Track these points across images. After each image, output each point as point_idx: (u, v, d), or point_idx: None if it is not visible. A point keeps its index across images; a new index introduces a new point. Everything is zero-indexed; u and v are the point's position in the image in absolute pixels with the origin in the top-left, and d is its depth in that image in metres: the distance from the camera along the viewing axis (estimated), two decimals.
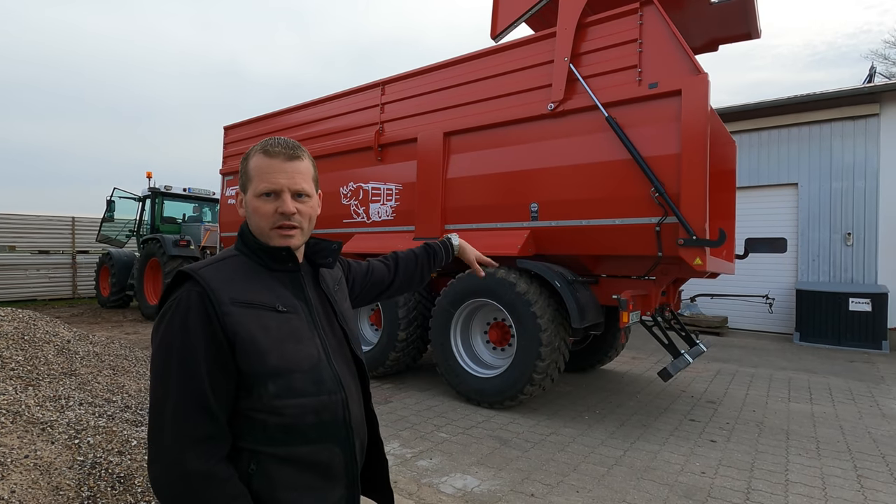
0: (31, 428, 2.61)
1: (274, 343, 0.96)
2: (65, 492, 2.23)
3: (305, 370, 0.98)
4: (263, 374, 0.94)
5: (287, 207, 1.01)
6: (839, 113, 8.41)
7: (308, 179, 1.05)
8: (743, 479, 3.11)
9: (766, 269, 8.99)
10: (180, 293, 0.95)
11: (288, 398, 0.95)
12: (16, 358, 3.52)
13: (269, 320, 0.97)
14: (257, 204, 1.01)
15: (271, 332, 0.97)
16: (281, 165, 1.01)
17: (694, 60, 3.64)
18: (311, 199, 1.07)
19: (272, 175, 1.01)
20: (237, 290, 0.97)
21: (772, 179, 9.13)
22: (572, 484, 2.99)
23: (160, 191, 10.45)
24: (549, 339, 4.02)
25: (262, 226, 1.02)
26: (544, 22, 4.82)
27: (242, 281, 1.00)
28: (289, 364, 0.96)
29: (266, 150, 1.03)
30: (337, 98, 6.03)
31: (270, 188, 1.00)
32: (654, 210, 3.73)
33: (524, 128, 4.45)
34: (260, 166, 1.02)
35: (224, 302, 0.94)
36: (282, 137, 1.06)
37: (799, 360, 6.88)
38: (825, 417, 4.38)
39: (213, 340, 0.92)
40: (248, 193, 1.03)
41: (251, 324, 0.95)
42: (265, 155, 1.02)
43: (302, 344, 1.00)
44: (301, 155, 1.05)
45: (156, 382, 0.92)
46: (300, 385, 0.97)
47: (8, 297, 11.29)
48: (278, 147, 1.03)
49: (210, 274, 0.97)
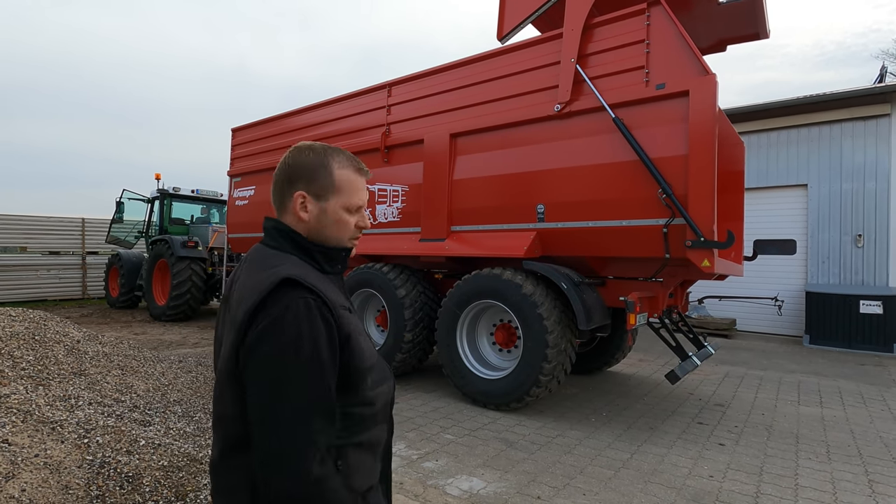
0: (41, 427, 2.64)
1: (364, 340, 1.05)
2: (74, 491, 2.25)
3: (377, 361, 1.09)
4: (365, 368, 1.01)
5: (367, 223, 1.13)
6: (849, 113, 8.32)
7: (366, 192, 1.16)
8: (752, 483, 3.08)
9: (776, 271, 8.91)
10: (294, 299, 0.92)
11: (377, 388, 1.05)
12: (27, 358, 3.56)
13: (354, 320, 1.05)
14: (344, 216, 1.08)
15: (359, 330, 1.05)
16: (364, 184, 1.12)
17: (702, 61, 3.62)
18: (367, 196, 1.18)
19: (363, 192, 1.10)
20: (332, 294, 1.01)
21: (781, 180, 9.05)
22: (579, 487, 2.98)
23: (169, 192, 10.53)
24: (555, 340, 4.01)
25: (342, 235, 1.09)
26: (551, 23, 4.82)
27: (328, 286, 1.04)
28: (373, 357, 1.06)
29: (359, 168, 1.10)
30: (344, 100, 6.06)
31: (362, 204, 1.10)
32: (662, 211, 3.71)
33: (531, 129, 4.44)
34: (353, 182, 1.08)
35: (336, 306, 0.98)
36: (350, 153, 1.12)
37: (809, 363, 6.80)
38: (835, 421, 4.33)
39: (334, 345, 0.95)
40: (330, 202, 1.06)
41: (351, 325, 1.01)
42: (358, 173, 1.09)
43: (367, 339, 1.09)
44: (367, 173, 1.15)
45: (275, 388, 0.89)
46: (379, 375, 1.07)
47: (19, 297, 11.42)
48: (364, 167, 1.12)
49: (313, 281, 0.98)
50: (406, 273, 5.20)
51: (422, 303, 5.08)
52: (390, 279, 5.09)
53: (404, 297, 5.00)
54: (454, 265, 5.21)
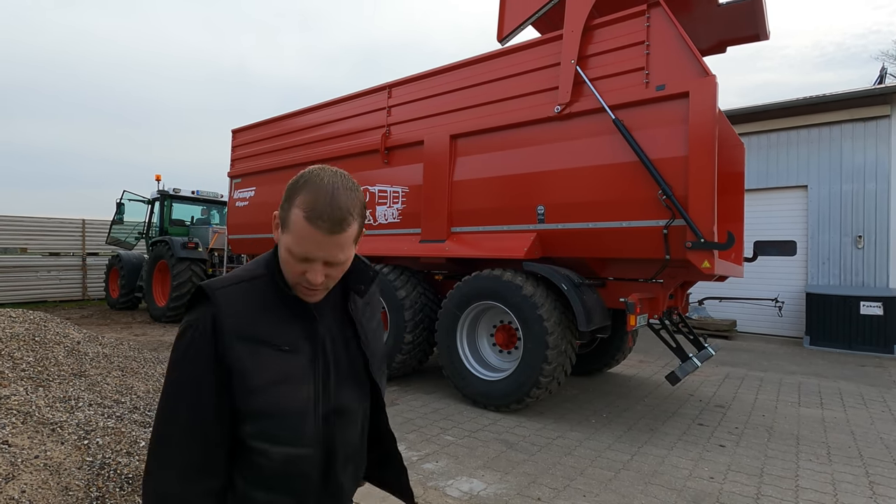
0: (41, 428, 2.64)
1: (264, 384, 0.93)
2: (74, 492, 2.25)
3: (285, 417, 0.95)
4: (244, 412, 0.93)
5: (314, 279, 0.94)
6: (849, 115, 8.33)
7: (347, 247, 0.94)
8: (752, 484, 3.08)
9: (776, 273, 8.91)
10: (195, 316, 0.94)
11: (262, 441, 0.94)
12: (27, 359, 3.56)
13: (266, 358, 0.94)
14: (288, 258, 0.94)
15: (265, 371, 0.94)
16: (321, 238, 0.90)
17: (702, 62, 3.62)
18: (347, 261, 0.98)
19: (309, 246, 0.91)
20: (246, 321, 0.94)
21: (781, 182, 9.05)
22: (579, 488, 2.98)
23: (169, 193, 10.54)
24: (555, 342, 4.01)
25: (289, 277, 0.97)
26: (551, 24, 4.82)
27: (255, 310, 0.96)
28: (272, 408, 0.94)
29: (310, 216, 0.89)
30: (344, 101, 6.06)
31: (306, 256, 0.92)
32: (662, 213, 3.71)
33: (531, 130, 4.44)
34: (300, 227, 0.90)
35: (230, 333, 0.92)
36: (333, 196, 0.90)
37: (809, 364, 6.80)
38: (836, 422, 4.33)
39: (217, 371, 0.91)
40: (284, 236, 0.95)
41: (248, 360, 0.93)
42: (308, 222, 0.89)
43: (292, 389, 0.96)
44: (345, 227, 0.91)
45: (161, 399, 0.94)
46: (276, 431, 0.94)
47: (19, 298, 11.43)
48: (324, 220, 0.89)
49: (225, 299, 0.94)
50: (406, 274, 5.20)
51: (422, 304, 5.08)
52: (390, 280, 5.09)
53: (404, 298, 5.00)
54: (454, 266, 5.21)
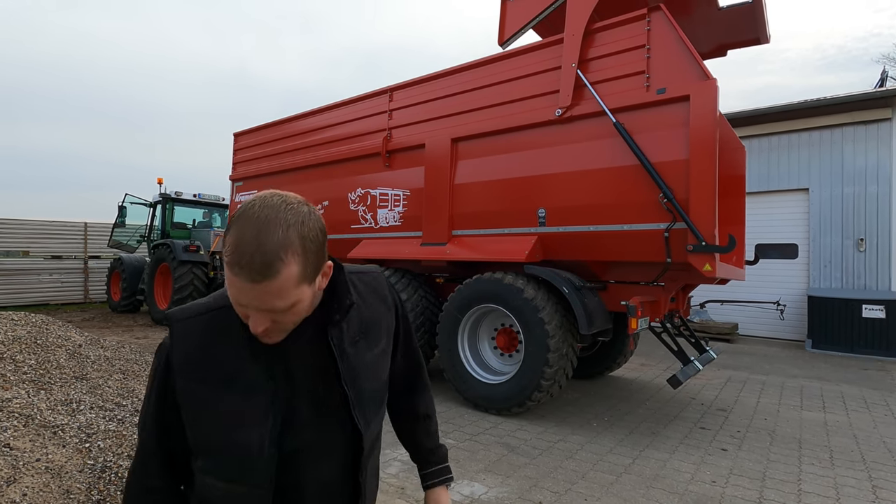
0: (42, 431, 2.64)
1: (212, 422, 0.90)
2: (75, 495, 2.25)
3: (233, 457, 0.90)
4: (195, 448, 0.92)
5: (254, 328, 0.83)
6: (851, 118, 8.33)
7: (285, 295, 0.80)
8: (755, 488, 3.07)
9: (777, 276, 8.89)
10: (159, 348, 0.97)
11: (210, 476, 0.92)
12: (28, 362, 3.56)
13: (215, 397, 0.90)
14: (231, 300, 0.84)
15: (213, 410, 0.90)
16: (246, 287, 0.78)
17: (702, 66, 3.63)
18: (296, 305, 0.83)
19: (237, 294, 0.80)
20: (201, 360, 0.91)
21: (782, 185, 9.05)
22: (580, 492, 2.97)
23: (171, 196, 10.56)
24: (556, 345, 4.00)
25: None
26: (552, 28, 4.84)
27: (216, 345, 0.91)
28: (219, 448, 0.90)
29: (231, 261, 0.78)
30: (345, 104, 6.08)
31: (237, 302, 0.82)
32: (663, 216, 3.71)
33: (532, 134, 4.45)
34: (227, 274, 0.81)
35: (181, 373, 0.91)
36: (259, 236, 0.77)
37: (811, 368, 6.78)
38: (839, 426, 4.31)
39: (168, 404, 0.93)
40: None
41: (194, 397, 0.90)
42: (229, 268, 0.79)
43: (244, 430, 0.89)
44: (272, 273, 0.77)
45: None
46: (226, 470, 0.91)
47: (21, 301, 11.45)
48: (242, 266, 0.76)
49: (183, 334, 0.93)
50: (407, 277, 5.20)
51: (423, 307, 5.08)
52: (391, 283, 5.09)
53: (405, 301, 5.00)
54: (455, 269, 5.21)
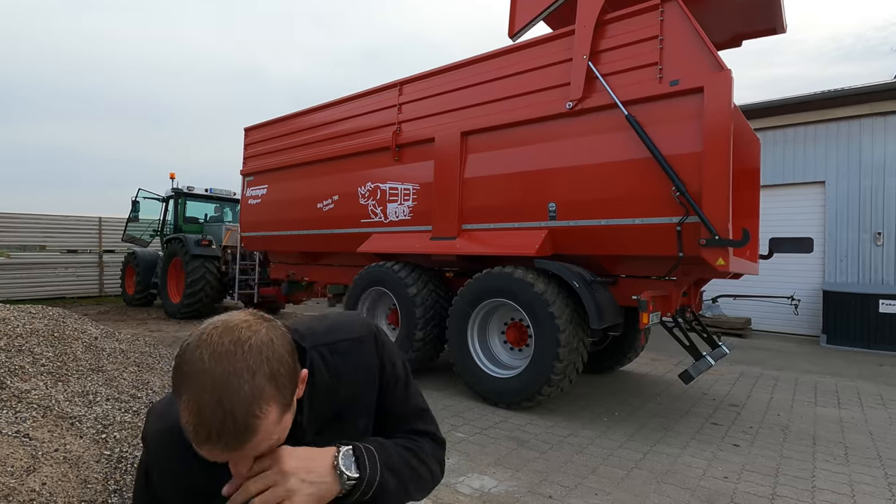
0: (60, 422, 2.69)
1: None
2: (92, 485, 2.29)
3: None
4: None
5: (237, 472, 0.75)
6: (869, 109, 8.15)
7: (268, 439, 0.71)
8: (767, 484, 3.04)
9: (792, 270, 8.77)
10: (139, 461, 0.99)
11: None
12: (46, 354, 3.63)
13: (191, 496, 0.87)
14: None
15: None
16: (223, 455, 0.69)
17: (717, 57, 3.57)
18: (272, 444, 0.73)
19: (215, 458, 0.70)
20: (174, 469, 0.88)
21: (798, 177, 8.89)
22: (591, 486, 2.96)
23: (183, 191, 10.66)
24: (567, 339, 3.99)
25: None
26: (562, 20, 4.78)
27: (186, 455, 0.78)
28: None
29: (198, 439, 0.67)
30: (354, 99, 6.08)
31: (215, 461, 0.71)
32: (675, 209, 3.66)
33: (542, 127, 4.42)
34: (195, 446, 0.69)
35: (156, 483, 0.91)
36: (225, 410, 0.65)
37: (826, 364, 6.69)
38: (854, 423, 4.26)
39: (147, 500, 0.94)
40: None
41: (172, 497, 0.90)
42: (198, 446, 0.68)
43: None
44: (251, 435, 0.67)
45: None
46: None
47: (38, 294, 11.65)
48: (215, 442, 0.66)
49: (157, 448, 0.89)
50: (417, 271, 5.21)
51: (433, 301, 5.08)
52: (401, 277, 5.10)
53: (415, 295, 5.01)
54: (465, 263, 5.21)
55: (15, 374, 3.15)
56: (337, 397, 0.87)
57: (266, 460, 0.75)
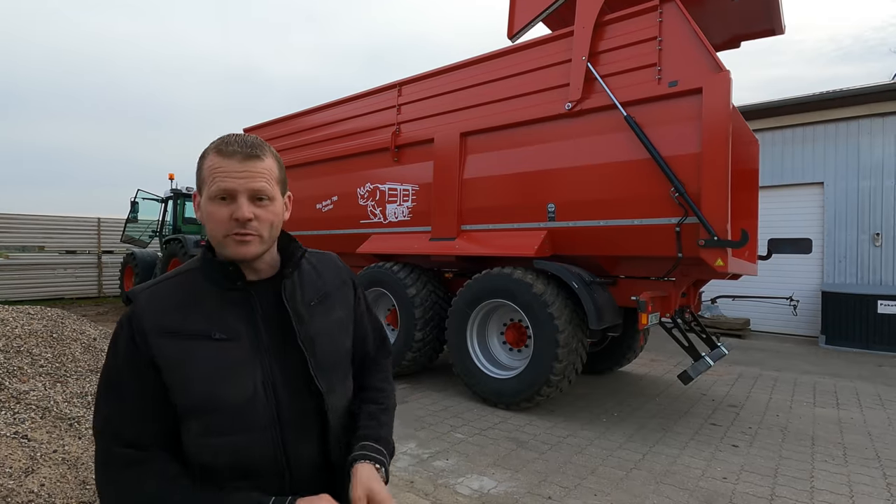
0: (59, 423, 2.69)
1: (200, 376, 0.89)
2: (91, 486, 2.29)
3: (230, 406, 0.90)
4: (186, 409, 0.89)
5: (242, 213, 0.89)
6: (867, 110, 8.16)
7: (270, 179, 0.93)
8: (766, 485, 3.04)
9: (791, 271, 8.78)
10: (121, 317, 0.94)
11: (209, 437, 0.89)
12: (45, 355, 3.62)
13: (199, 351, 0.90)
14: (211, 208, 0.90)
15: (199, 364, 0.90)
16: (237, 166, 0.89)
17: (715, 58, 3.58)
18: (274, 202, 0.94)
19: (227, 176, 0.89)
20: (170, 317, 0.91)
21: (796, 178, 8.90)
22: (590, 487, 2.96)
23: (182, 192, 10.65)
24: (566, 340, 3.99)
25: (217, 233, 0.92)
26: (562, 21, 4.79)
27: (181, 305, 0.93)
28: (213, 400, 0.89)
29: (220, 148, 0.91)
30: (354, 100, 6.08)
31: (225, 191, 0.89)
32: (674, 210, 3.67)
33: (541, 128, 4.42)
34: (214, 166, 0.90)
35: (149, 331, 0.89)
36: (241, 134, 0.95)
37: (825, 364, 6.70)
38: (852, 423, 4.26)
39: (137, 369, 0.89)
40: (203, 197, 0.93)
41: (177, 355, 0.89)
42: (219, 154, 0.90)
43: (234, 377, 0.91)
44: (261, 153, 0.92)
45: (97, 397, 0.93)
46: (223, 423, 0.89)
47: (37, 295, 11.64)
48: (234, 145, 0.91)
49: (146, 298, 0.93)
50: (416, 272, 5.21)
51: (432, 302, 5.08)
52: (400, 278, 5.10)
53: (414, 296, 5.01)
54: (464, 264, 5.21)
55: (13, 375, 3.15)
56: (318, 285, 1.08)
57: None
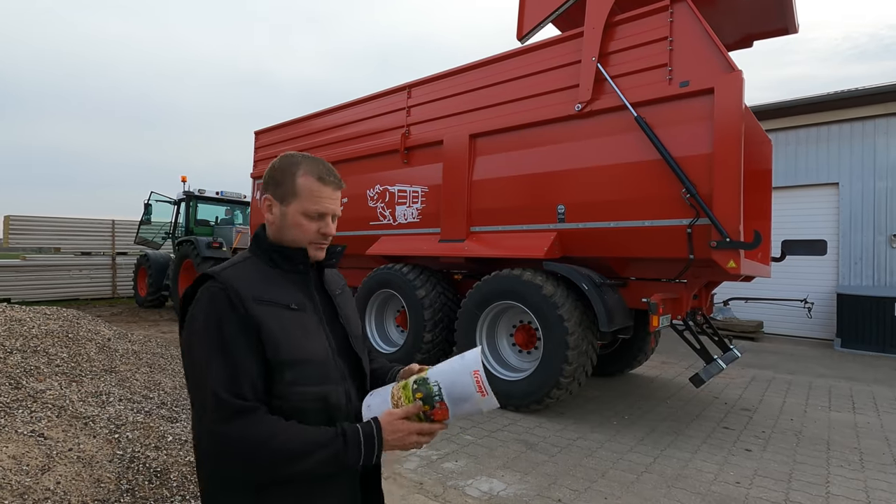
0: (74, 422, 2.73)
1: (289, 336, 1.05)
2: (105, 484, 2.32)
3: (315, 362, 1.08)
4: (281, 362, 1.03)
5: (331, 230, 1.14)
6: (884, 109, 8.03)
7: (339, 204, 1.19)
8: (780, 490, 3.00)
9: (805, 273, 8.65)
10: (204, 289, 1.05)
11: (299, 386, 1.04)
12: (61, 355, 3.69)
13: (284, 316, 1.07)
14: (301, 221, 1.12)
15: (287, 326, 1.06)
16: (331, 193, 1.13)
17: (727, 57, 3.54)
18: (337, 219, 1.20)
19: (324, 201, 1.12)
20: (256, 288, 1.06)
21: (811, 179, 8.78)
22: (600, 490, 2.94)
23: (194, 194, 10.77)
24: (576, 342, 3.97)
25: (301, 239, 1.13)
26: (571, 22, 4.77)
27: (259, 281, 1.09)
28: (302, 355, 1.06)
29: (321, 177, 1.12)
30: (363, 102, 6.11)
31: (321, 213, 1.12)
32: (686, 211, 3.64)
33: (551, 129, 4.41)
34: (312, 189, 1.11)
35: (246, 298, 1.03)
36: (327, 163, 1.16)
37: (840, 368, 6.59)
38: (869, 428, 4.19)
39: (242, 323, 1.01)
40: (289, 207, 1.12)
41: (270, 318, 1.04)
42: (319, 181, 1.12)
43: (312, 338, 1.10)
44: (342, 184, 1.17)
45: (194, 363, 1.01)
46: (311, 374, 1.07)
47: (53, 296, 11.83)
48: (332, 176, 1.14)
49: (230, 274, 1.07)
50: (426, 274, 5.22)
51: (441, 303, 5.09)
52: (410, 280, 5.11)
53: (424, 297, 5.01)
54: (474, 266, 5.21)
55: (30, 375, 3.21)
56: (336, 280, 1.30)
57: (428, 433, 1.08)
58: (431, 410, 1.04)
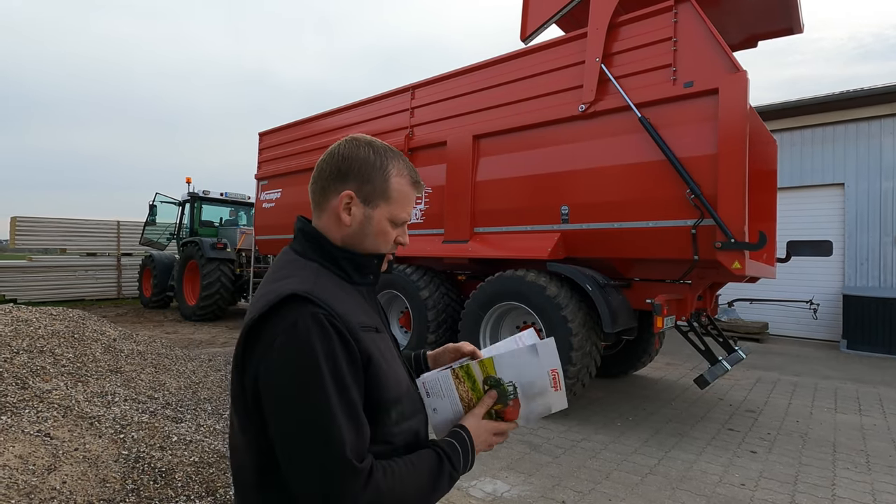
0: (80, 422, 2.75)
1: (388, 368, 0.88)
2: (111, 484, 2.33)
3: (409, 393, 0.94)
4: (388, 400, 0.86)
5: (407, 240, 1.03)
6: (889, 109, 7.98)
7: None
8: (786, 492, 2.98)
9: (811, 274, 8.60)
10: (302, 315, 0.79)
11: (402, 423, 0.89)
12: (67, 355, 3.71)
13: (379, 343, 0.89)
14: (387, 228, 0.96)
15: (386, 356, 0.89)
16: (414, 200, 1.01)
17: (731, 58, 3.53)
18: None
19: (411, 207, 1.00)
20: (351, 312, 0.86)
21: (816, 179, 8.74)
22: (605, 492, 2.94)
23: (199, 195, 10.82)
24: (580, 343, 3.96)
25: (382, 246, 0.97)
26: (575, 22, 4.77)
27: (344, 300, 0.88)
28: (401, 386, 0.90)
29: (417, 182, 1.00)
30: (367, 103, 6.13)
31: (408, 219, 1.00)
32: (690, 212, 3.63)
33: (554, 130, 4.41)
34: (407, 194, 0.97)
35: (354, 326, 0.83)
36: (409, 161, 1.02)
37: (846, 369, 6.54)
38: (875, 430, 4.16)
39: (356, 362, 0.81)
40: (376, 210, 0.94)
41: (373, 349, 0.85)
42: (413, 186, 0.99)
43: (398, 365, 0.94)
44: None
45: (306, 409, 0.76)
46: (408, 409, 0.92)
47: (59, 297, 11.91)
48: (420, 180, 1.02)
49: (326, 296, 0.84)
50: (429, 275, 5.22)
51: (445, 304, 5.09)
52: (413, 280, 5.12)
53: (427, 298, 5.02)
54: (477, 267, 5.21)
55: (37, 375, 3.23)
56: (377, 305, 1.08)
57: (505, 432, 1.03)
58: (503, 409, 1.01)
